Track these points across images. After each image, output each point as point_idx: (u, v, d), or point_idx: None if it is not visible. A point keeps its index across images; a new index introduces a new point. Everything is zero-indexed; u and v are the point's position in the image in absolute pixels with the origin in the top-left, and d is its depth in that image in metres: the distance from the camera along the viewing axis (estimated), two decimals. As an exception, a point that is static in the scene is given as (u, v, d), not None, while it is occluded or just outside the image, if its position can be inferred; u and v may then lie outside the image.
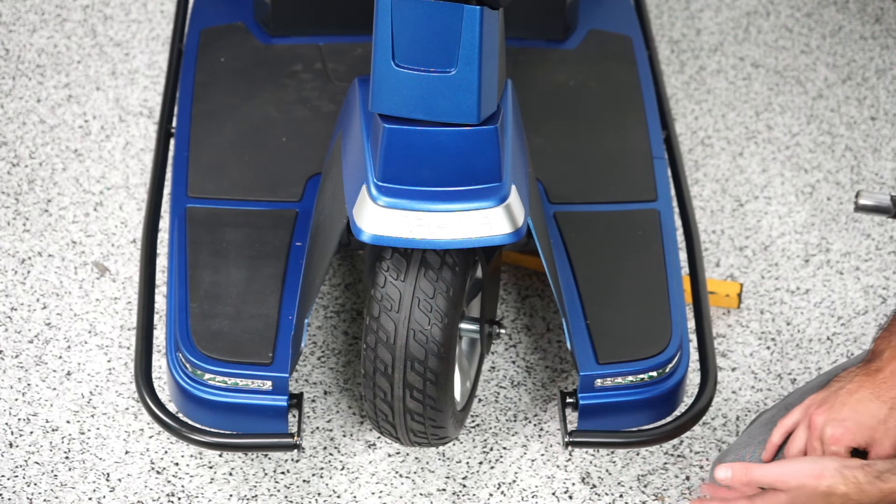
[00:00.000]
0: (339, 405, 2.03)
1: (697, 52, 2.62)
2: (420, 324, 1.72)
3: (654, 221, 1.98)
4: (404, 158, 1.67)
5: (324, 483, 1.93)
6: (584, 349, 1.83)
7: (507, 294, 2.17)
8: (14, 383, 2.03)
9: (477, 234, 1.69)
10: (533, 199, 1.81)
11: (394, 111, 1.67)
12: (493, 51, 1.67)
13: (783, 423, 1.70)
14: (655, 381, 1.84)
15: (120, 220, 2.26)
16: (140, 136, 2.39)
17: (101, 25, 2.60)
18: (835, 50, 2.64)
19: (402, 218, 1.67)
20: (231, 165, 2.02)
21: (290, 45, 2.19)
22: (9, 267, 2.18)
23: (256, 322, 1.83)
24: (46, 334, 2.09)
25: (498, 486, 1.94)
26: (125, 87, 2.48)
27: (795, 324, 2.16)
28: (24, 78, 2.50)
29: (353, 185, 1.72)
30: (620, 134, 2.11)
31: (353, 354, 2.09)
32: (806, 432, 1.67)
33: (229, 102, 2.11)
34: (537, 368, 2.08)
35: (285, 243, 1.92)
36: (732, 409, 2.04)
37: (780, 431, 1.70)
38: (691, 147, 2.44)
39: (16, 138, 2.39)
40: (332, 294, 2.17)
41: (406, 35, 1.63)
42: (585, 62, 2.21)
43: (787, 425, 1.70)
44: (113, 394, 2.02)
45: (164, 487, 1.92)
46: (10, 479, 1.92)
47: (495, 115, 1.69)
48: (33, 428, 1.98)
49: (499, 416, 2.02)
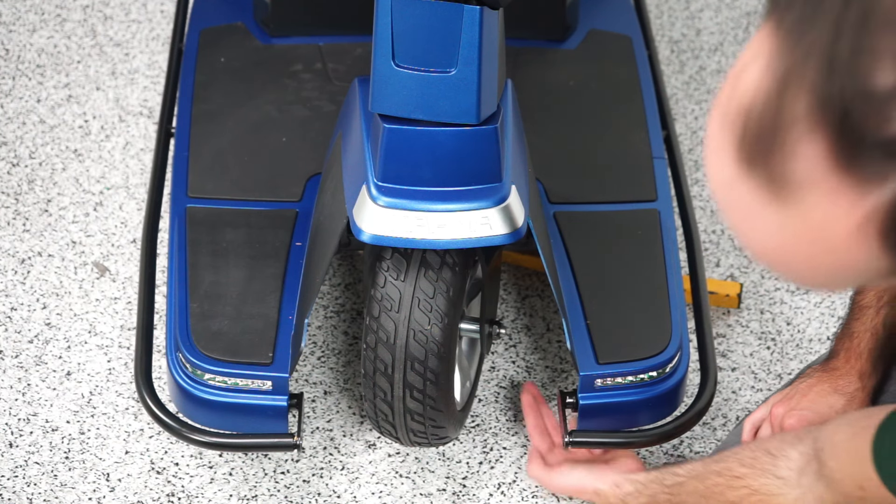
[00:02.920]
0: (339, 405, 2.03)
1: (697, 52, 2.62)
2: (420, 324, 1.72)
3: (654, 221, 1.98)
4: (404, 158, 1.67)
5: (324, 483, 1.93)
6: (584, 349, 1.83)
7: (507, 294, 2.17)
8: (14, 383, 2.03)
9: (477, 234, 1.69)
10: (533, 199, 1.81)
11: (394, 111, 1.67)
12: (493, 51, 1.67)
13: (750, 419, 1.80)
14: (655, 381, 1.84)
15: (120, 220, 2.26)
16: (140, 136, 2.39)
17: (101, 25, 2.60)
18: (835, 50, 2.64)
19: (402, 218, 1.67)
20: (231, 165, 2.02)
21: (290, 45, 2.19)
22: (9, 267, 2.18)
23: (256, 322, 1.83)
24: (46, 334, 2.09)
25: (498, 486, 1.94)
26: (125, 87, 2.48)
27: (795, 324, 2.16)
28: (24, 78, 2.50)
29: (353, 185, 1.72)
30: (620, 134, 2.11)
31: (353, 354, 2.09)
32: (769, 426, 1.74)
33: (229, 102, 2.11)
34: (537, 368, 2.08)
35: (285, 243, 1.92)
36: (732, 409, 2.04)
37: (748, 427, 1.79)
38: (691, 147, 2.44)
39: (16, 138, 2.39)
40: (332, 294, 2.17)
41: (406, 35, 1.63)
42: (585, 62, 2.21)
43: (754, 420, 1.79)
44: (113, 394, 2.02)
45: (164, 487, 1.92)
46: (10, 479, 1.92)
47: (495, 115, 1.69)
48: (33, 428, 1.98)
49: (499, 416, 2.02)
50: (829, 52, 0.79)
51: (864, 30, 0.78)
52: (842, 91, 0.78)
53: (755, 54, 0.84)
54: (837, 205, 0.81)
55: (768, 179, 0.82)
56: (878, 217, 0.80)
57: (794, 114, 0.80)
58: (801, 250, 0.85)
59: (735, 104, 0.84)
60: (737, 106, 0.84)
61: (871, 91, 0.78)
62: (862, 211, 0.80)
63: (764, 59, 0.83)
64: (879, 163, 0.78)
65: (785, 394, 1.76)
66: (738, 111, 0.83)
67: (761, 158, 0.82)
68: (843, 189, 0.80)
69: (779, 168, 0.81)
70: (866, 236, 0.81)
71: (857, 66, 0.78)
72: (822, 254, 0.84)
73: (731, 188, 0.86)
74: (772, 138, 0.81)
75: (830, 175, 0.80)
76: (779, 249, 0.87)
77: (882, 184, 0.79)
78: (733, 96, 0.85)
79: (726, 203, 0.87)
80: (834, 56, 0.78)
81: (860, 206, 0.80)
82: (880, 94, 0.78)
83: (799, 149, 0.80)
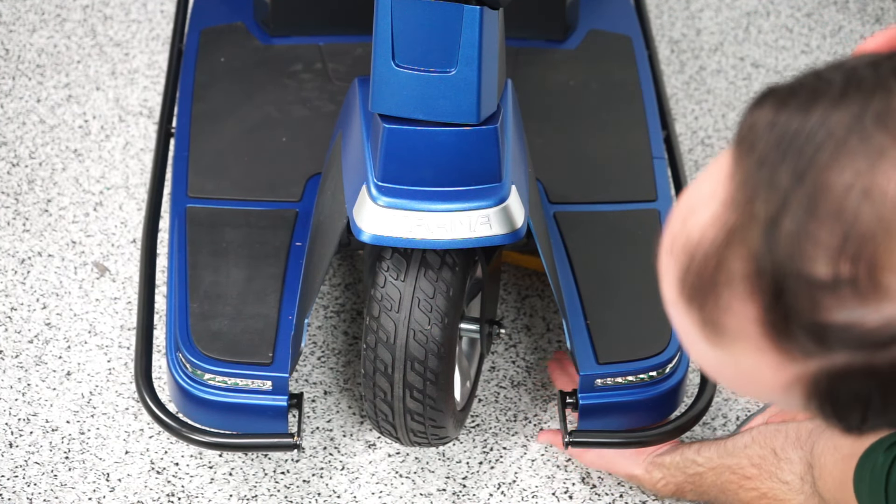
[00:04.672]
0: (339, 405, 2.03)
1: (697, 52, 2.62)
2: (420, 324, 1.72)
3: (654, 221, 1.98)
4: (404, 158, 1.67)
5: (324, 483, 1.93)
6: (584, 349, 1.83)
7: (507, 294, 2.17)
8: (14, 383, 2.03)
9: (477, 234, 1.69)
10: (533, 199, 1.81)
11: (394, 111, 1.67)
12: (493, 51, 1.67)
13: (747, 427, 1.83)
14: (655, 382, 1.84)
15: (120, 220, 2.26)
16: (140, 136, 2.39)
17: (101, 25, 2.60)
18: (835, 50, 2.64)
19: (402, 218, 1.67)
20: (231, 165, 2.02)
21: (290, 45, 2.19)
22: (9, 267, 2.18)
23: (256, 322, 1.83)
24: (46, 334, 2.09)
25: (498, 486, 1.94)
26: (125, 87, 2.48)
27: (795, 324, 2.16)
28: (24, 78, 2.50)
29: (353, 185, 1.72)
30: (620, 134, 2.11)
31: (353, 354, 2.09)
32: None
33: (229, 102, 2.11)
34: (537, 368, 2.08)
35: (285, 243, 1.92)
36: (732, 409, 2.04)
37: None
38: (691, 147, 2.44)
39: (16, 138, 2.39)
40: (332, 294, 2.17)
41: (406, 35, 1.63)
42: (585, 62, 2.21)
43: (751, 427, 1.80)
44: (113, 394, 2.02)
45: (164, 487, 1.92)
46: (10, 479, 1.92)
47: (495, 115, 1.69)
48: (33, 428, 1.98)
49: (499, 416, 2.02)
50: (773, 225, 0.77)
51: (810, 215, 0.77)
52: (778, 268, 0.77)
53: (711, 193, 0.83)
54: (765, 363, 0.81)
55: (703, 321, 0.83)
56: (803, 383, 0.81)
57: (733, 272, 0.79)
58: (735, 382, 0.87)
59: (682, 241, 0.84)
60: (683, 243, 0.83)
61: (806, 276, 0.77)
62: (787, 374, 0.81)
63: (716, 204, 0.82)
64: (806, 343, 0.78)
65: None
66: (684, 249, 0.83)
67: (698, 301, 0.82)
68: (771, 352, 0.80)
69: (713, 315, 0.81)
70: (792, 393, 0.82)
71: (796, 249, 0.77)
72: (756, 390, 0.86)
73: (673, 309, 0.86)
74: (710, 287, 0.81)
75: (759, 338, 0.80)
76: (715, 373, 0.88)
77: (807, 360, 0.79)
78: (682, 231, 0.84)
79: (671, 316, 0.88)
80: (777, 232, 0.77)
81: (786, 371, 0.80)
82: (814, 281, 0.77)
83: (733, 306, 0.80)
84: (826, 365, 0.79)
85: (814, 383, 0.80)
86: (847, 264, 0.76)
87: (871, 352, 0.77)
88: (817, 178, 0.77)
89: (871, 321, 0.76)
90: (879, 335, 0.76)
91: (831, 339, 0.77)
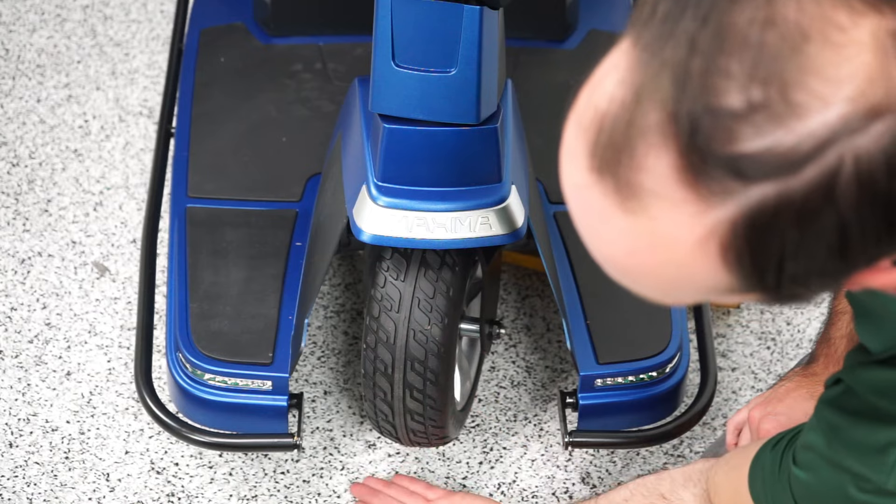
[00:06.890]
0: (339, 405, 2.03)
1: (697, 52, 2.62)
2: (420, 324, 1.72)
3: (654, 221, 1.98)
4: (404, 158, 1.67)
5: (324, 483, 1.93)
6: (584, 349, 1.83)
7: (507, 294, 2.17)
8: (14, 383, 2.03)
9: (477, 234, 1.69)
10: (533, 199, 1.81)
11: (394, 111, 1.67)
12: (493, 51, 1.67)
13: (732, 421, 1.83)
14: (655, 381, 1.84)
15: (120, 220, 2.26)
16: (140, 136, 2.39)
17: (101, 25, 2.60)
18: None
19: (402, 218, 1.67)
20: (231, 165, 2.02)
21: (290, 45, 2.19)
22: (9, 267, 2.18)
23: (256, 322, 1.83)
24: (46, 334, 2.09)
25: (498, 486, 1.94)
26: (125, 87, 2.48)
27: (795, 324, 2.16)
28: (24, 78, 2.50)
29: (353, 185, 1.72)
30: (620, 134, 2.10)
31: (353, 354, 2.09)
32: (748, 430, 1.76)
33: (229, 102, 2.11)
34: (537, 368, 2.08)
35: (285, 243, 1.92)
36: (732, 409, 2.04)
37: (730, 429, 1.83)
38: (691, 147, 2.44)
39: (16, 138, 2.39)
40: (332, 294, 2.17)
41: (406, 35, 1.63)
42: (585, 62, 2.21)
43: (735, 422, 1.82)
44: (113, 394, 2.02)
45: (164, 487, 1.92)
46: (10, 479, 1.92)
47: (495, 115, 1.69)
48: (33, 428, 1.98)
49: (499, 416, 2.02)
50: (683, 68, 0.80)
51: (717, 50, 0.80)
52: (692, 107, 0.80)
53: (613, 66, 0.86)
54: (682, 218, 0.82)
55: (617, 188, 0.84)
56: (720, 233, 0.82)
57: (646, 125, 0.81)
58: (646, 261, 0.87)
59: (590, 112, 0.86)
60: (592, 114, 0.86)
61: (720, 109, 0.79)
62: (705, 225, 0.82)
63: (620, 71, 0.85)
64: (723, 179, 0.80)
65: (765, 396, 1.76)
66: (593, 119, 0.85)
67: (611, 166, 0.84)
68: (688, 203, 0.81)
69: (627, 177, 0.83)
70: (708, 251, 0.83)
71: (708, 85, 0.79)
72: (666, 265, 0.86)
73: (581, 194, 0.88)
74: (622, 147, 0.83)
75: (676, 188, 0.81)
76: (625, 258, 0.89)
77: (725, 200, 0.80)
78: (589, 105, 0.86)
79: (576, 208, 0.90)
80: (687, 73, 0.80)
81: (703, 221, 0.82)
82: (728, 113, 0.79)
83: (648, 160, 0.82)
84: (743, 204, 0.80)
85: (731, 230, 0.81)
86: (758, 88, 0.79)
87: (787, 177, 0.79)
88: (720, 18, 0.80)
89: (786, 142, 0.79)
90: (794, 155, 0.79)
91: (748, 169, 0.79)
